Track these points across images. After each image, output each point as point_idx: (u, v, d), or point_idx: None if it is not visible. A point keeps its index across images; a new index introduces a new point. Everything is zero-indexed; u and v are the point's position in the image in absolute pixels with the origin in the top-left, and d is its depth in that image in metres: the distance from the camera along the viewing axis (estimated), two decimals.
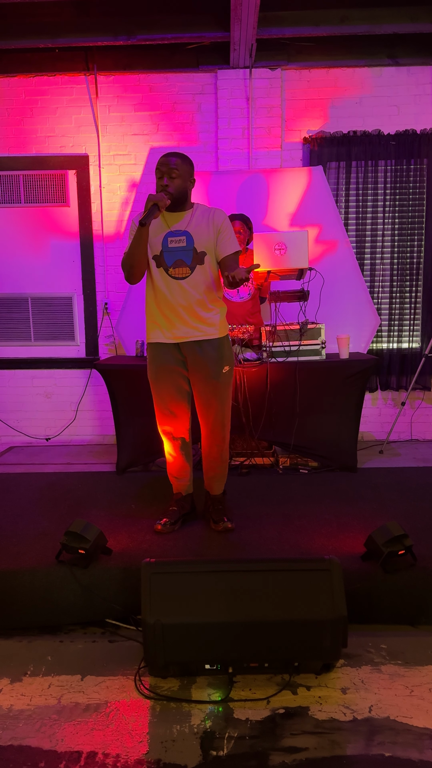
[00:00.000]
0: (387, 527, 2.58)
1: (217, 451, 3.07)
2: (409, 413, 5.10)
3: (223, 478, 3.17)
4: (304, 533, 2.97)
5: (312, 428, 4.01)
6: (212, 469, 3.13)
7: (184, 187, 2.78)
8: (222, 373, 2.92)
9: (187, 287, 2.82)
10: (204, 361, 2.89)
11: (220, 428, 3.01)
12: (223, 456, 3.11)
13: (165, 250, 2.82)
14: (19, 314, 5.17)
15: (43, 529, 3.05)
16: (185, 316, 2.85)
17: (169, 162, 2.74)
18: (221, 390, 2.94)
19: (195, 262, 2.81)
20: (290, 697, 2.15)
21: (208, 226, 2.82)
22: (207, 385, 2.93)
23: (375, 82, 4.83)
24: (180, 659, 2.21)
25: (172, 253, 2.81)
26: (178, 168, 2.74)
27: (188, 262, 2.81)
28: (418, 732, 1.96)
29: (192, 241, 2.80)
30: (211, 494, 3.18)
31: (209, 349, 2.89)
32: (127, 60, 4.81)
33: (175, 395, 2.97)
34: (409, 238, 4.92)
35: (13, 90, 4.92)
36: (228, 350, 2.97)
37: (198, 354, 2.89)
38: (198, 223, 2.82)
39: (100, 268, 5.10)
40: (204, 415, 3.01)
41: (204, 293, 2.85)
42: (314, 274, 4.03)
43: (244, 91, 4.80)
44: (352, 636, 2.28)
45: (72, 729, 2.01)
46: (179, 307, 2.84)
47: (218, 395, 2.94)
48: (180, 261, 2.81)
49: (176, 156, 2.77)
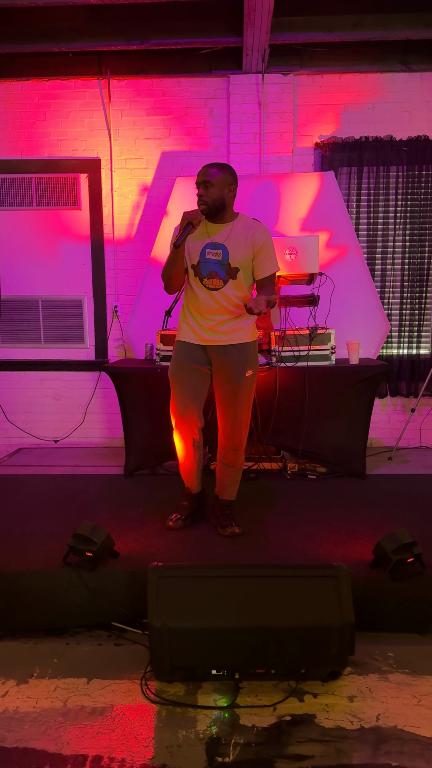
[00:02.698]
0: (396, 534, 2.57)
1: (233, 456, 3.08)
2: (418, 420, 5.07)
3: (235, 484, 3.17)
4: (312, 539, 2.95)
5: (321, 434, 3.99)
6: (225, 473, 3.13)
7: (221, 198, 2.80)
8: (245, 377, 2.95)
9: (219, 298, 2.89)
10: (228, 364, 2.94)
11: (237, 432, 3.02)
12: (238, 461, 3.12)
13: (202, 261, 2.88)
14: (29, 316, 5.19)
15: (50, 531, 3.05)
16: (214, 323, 2.93)
17: (206, 172, 2.79)
18: (242, 394, 2.97)
19: (228, 276, 2.87)
20: (297, 704, 2.13)
21: (246, 243, 2.85)
22: (229, 387, 2.97)
23: (387, 88, 4.83)
24: (186, 664, 2.20)
25: (208, 264, 2.87)
26: (215, 178, 2.78)
27: (221, 275, 2.87)
28: (425, 742, 1.94)
29: (227, 256, 2.85)
30: (221, 498, 3.17)
31: (234, 353, 2.94)
32: (140, 64, 4.83)
33: (191, 392, 3.00)
34: (420, 244, 4.90)
35: (27, 93, 4.95)
36: (253, 355, 3.01)
37: (223, 356, 2.94)
38: (237, 237, 2.86)
39: (111, 272, 5.12)
40: (223, 417, 3.03)
41: (234, 306, 2.90)
42: (325, 279, 4.02)
43: (257, 96, 4.80)
44: (359, 643, 2.27)
45: (77, 732, 2.01)
46: (210, 315, 2.92)
47: (239, 399, 2.97)
48: (214, 273, 2.87)
49: (214, 166, 2.81)
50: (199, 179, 2.80)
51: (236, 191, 2.89)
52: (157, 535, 3.02)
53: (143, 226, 5.03)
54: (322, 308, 4.14)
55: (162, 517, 3.26)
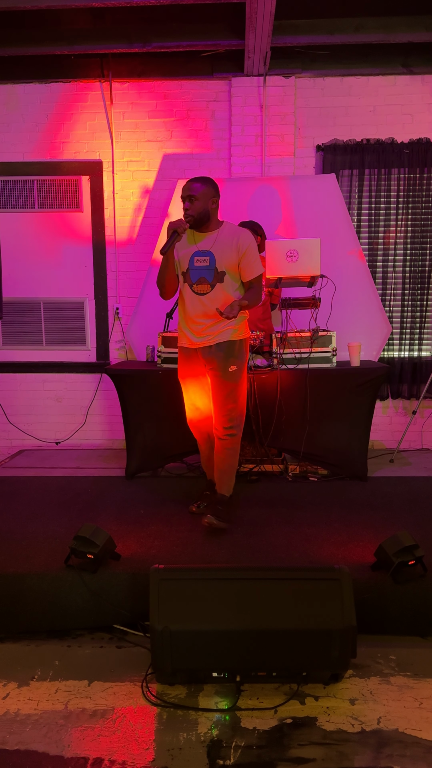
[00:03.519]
0: (398, 537, 2.56)
1: (220, 446, 3.19)
2: (420, 422, 5.07)
3: (228, 480, 3.23)
4: (314, 541, 2.95)
5: (322, 436, 3.99)
6: (217, 464, 3.25)
7: (205, 209, 3.03)
8: (228, 371, 3.12)
9: (206, 302, 3.09)
10: (215, 360, 3.13)
11: (220, 422, 3.15)
12: (228, 453, 3.18)
13: (191, 268, 3.11)
14: (31, 318, 5.20)
15: (52, 533, 3.05)
16: (203, 327, 3.13)
17: (190, 187, 3.02)
18: (227, 386, 3.13)
19: (215, 281, 3.08)
20: (298, 707, 2.13)
21: (232, 247, 3.06)
22: (216, 381, 3.16)
23: (389, 91, 4.83)
24: (187, 666, 2.20)
25: (197, 271, 3.10)
26: (198, 192, 3.00)
27: (209, 280, 3.09)
28: (427, 745, 1.94)
29: (214, 261, 3.07)
30: (216, 492, 3.25)
31: (218, 350, 3.13)
32: (142, 67, 4.84)
33: (200, 393, 3.27)
34: (422, 246, 4.91)
35: (29, 96, 4.96)
36: (238, 351, 3.16)
37: (209, 354, 3.14)
38: (222, 243, 3.07)
39: (112, 274, 5.12)
40: (213, 406, 3.21)
41: (223, 306, 3.03)
42: (326, 281, 4.02)
43: (258, 99, 4.81)
44: (361, 646, 2.27)
45: (78, 735, 2.01)
46: (199, 318, 3.12)
47: (224, 390, 3.13)
48: (202, 278, 3.09)
49: (197, 181, 3.04)
50: (184, 194, 3.02)
51: (219, 202, 3.11)
52: (159, 537, 3.02)
53: (145, 228, 5.03)
54: (323, 310, 4.14)
55: (164, 519, 3.26)
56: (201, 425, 3.35)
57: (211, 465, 3.41)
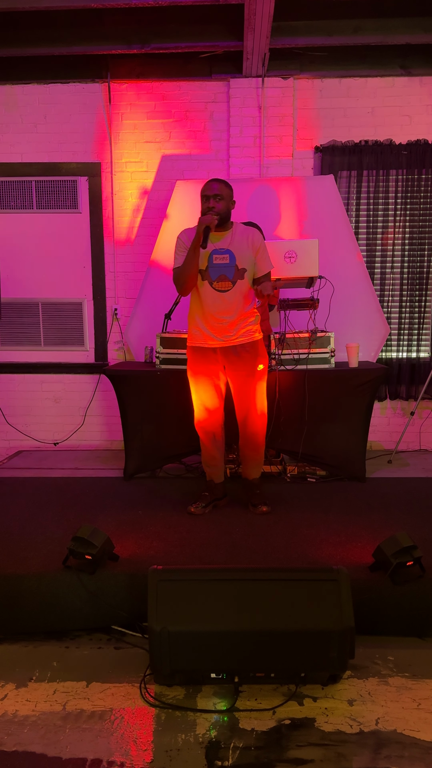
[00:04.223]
0: (396, 538, 2.56)
1: (255, 438, 3.40)
2: (418, 423, 5.07)
3: (259, 466, 3.55)
4: (312, 542, 2.95)
5: (320, 437, 3.99)
6: (249, 457, 3.47)
7: (227, 209, 3.18)
8: (257, 371, 3.30)
9: (228, 299, 3.20)
10: (241, 362, 3.27)
11: (255, 419, 3.36)
12: (261, 441, 3.44)
13: (210, 266, 3.19)
14: (29, 319, 5.19)
15: (50, 534, 3.05)
16: (226, 324, 3.22)
17: (218, 187, 3.14)
18: (257, 386, 3.32)
19: (236, 278, 3.19)
20: (296, 708, 2.13)
21: (248, 245, 3.20)
22: (244, 382, 3.30)
23: (387, 92, 4.84)
24: (186, 667, 2.20)
25: (217, 269, 3.18)
26: (222, 192, 3.14)
27: (230, 277, 3.19)
28: (425, 746, 1.94)
29: (234, 259, 3.17)
30: (249, 480, 3.52)
31: (244, 351, 3.26)
32: (141, 68, 4.84)
33: (211, 394, 3.34)
34: (420, 247, 4.91)
35: (27, 97, 4.96)
36: (262, 350, 3.35)
37: (234, 355, 3.26)
38: (239, 241, 3.20)
39: (111, 274, 5.12)
40: (241, 409, 3.36)
41: (243, 305, 3.23)
42: (324, 282, 4.03)
43: (257, 100, 4.82)
44: (359, 647, 2.27)
45: (76, 736, 2.00)
46: (221, 316, 3.21)
47: (254, 391, 3.32)
48: (223, 276, 3.19)
49: (220, 182, 3.18)
50: (210, 193, 3.13)
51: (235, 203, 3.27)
52: (157, 538, 3.02)
53: (143, 230, 5.03)
54: (321, 311, 4.14)
55: (162, 520, 3.26)
56: (209, 425, 3.39)
57: (215, 465, 3.49)
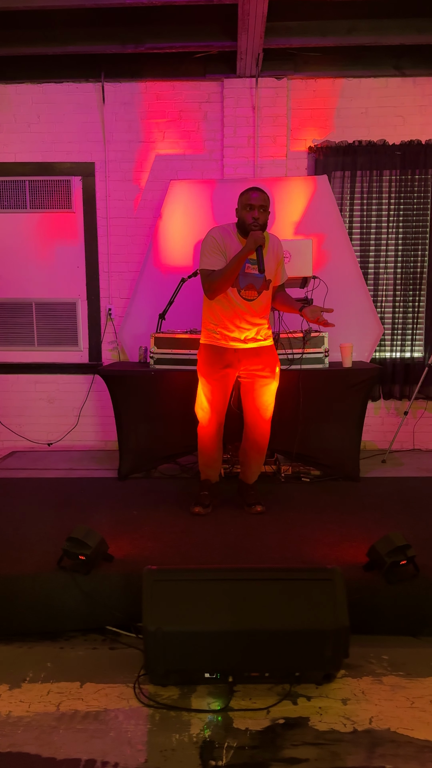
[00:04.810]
0: (390, 537, 2.57)
1: (260, 442, 3.43)
2: (411, 423, 5.09)
3: (260, 468, 3.62)
4: (307, 542, 2.96)
5: (315, 437, 4.00)
6: (254, 459, 3.51)
7: (267, 219, 3.15)
8: (276, 373, 3.34)
9: (253, 308, 3.21)
10: (262, 364, 3.29)
11: (265, 423, 3.39)
12: (266, 445, 3.48)
13: (241, 274, 3.14)
14: (23, 319, 5.18)
15: (44, 535, 3.04)
16: (247, 330, 3.23)
17: (264, 198, 3.10)
18: (272, 388, 3.35)
19: (262, 288, 3.21)
20: (291, 708, 2.13)
21: (274, 258, 3.22)
22: (263, 383, 3.32)
23: (381, 93, 4.85)
24: (180, 667, 2.20)
25: (246, 278, 3.16)
26: (266, 203, 3.12)
27: (257, 287, 3.19)
28: (419, 745, 1.95)
29: (264, 270, 3.08)
30: (248, 483, 3.55)
31: (265, 354, 3.30)
32: (135, 68, 4.83)
33: (221, 394, 3.32)
34: (413, 248, 4.93)
35: (21, 96, 4.95)
36: (276, 355, 3.39)
37: (255, 357, 3.28)
38: (269, 254, 3.17)
39: (105, 274, 5.11)
40: (252, 411, 3.37)
41: (264, 314, 3.27)
42: (318, 282, 4.04)
43: (250, 100, 4.82)
44: (353, 646, 2.27)
45: (71, 736, 2.00)
46: (243, 322, 3.22)
47: (270, 393, 3.35)
48: (251, 285, 3.17)
49: (263, 192, 3.11)
50: (256, 203, 3.07)
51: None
52: (152, 538, 3.02)
53: (137, 229, 5.03)
54: None
55: (157, 521, 3.26)
56: (213, 425, 3.37)
57: (214, 466, 3.50)
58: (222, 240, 3.14)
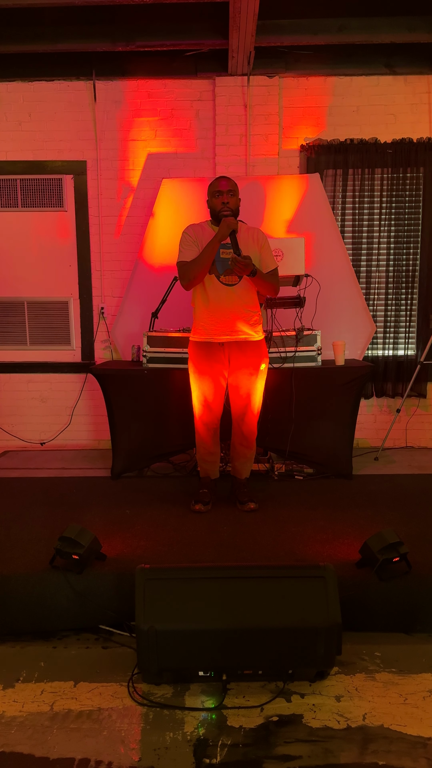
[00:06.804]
0: (382, 534, 2.58)
1: (248, 438, 3.44)
2: (404, 420, 5.10)
3: (250, 464, 3.59)
4: (299, 540, 2.97)
5: (307, 435, 4.01)
6: (243, 454, 3.50)
7: (237, 205, 3.21)
8: (260, 370, 3.32)
9: (235, 293, 3.21)
10: (245, 359, 3.28)
11: (252, 417, 3.39)
12: (253, 443, 3.49)
13: (217, 260, 3.18)
14: (15, 318, 5.16)
15: (37, 534, 3.03)
16: (232, 318, 3.23)
17: (231, 183, 3.18)
18: (258, 385, 3.35)
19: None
20: (284, 705, 2.14)
21: (252, 240, 3.24)
22: (247, 379, 3.31)
23: (372, 91, 4.86)
24: (174, 666, 2.20)
25: (224, 263, 3.17)
26: (233, 188, 3.19)
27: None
28: (411, 740, 1.96)
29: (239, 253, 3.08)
30: (239, 479, 3.55)
31: (249, 349, 3.28)
32: (126, 66, 4.82)
33: (214, 390, 3.34)
34: (405, 246, 4.94)
35: (12, 95, 4.92)
36: (265, 349, 3.38)
37: (239, 352, 3.27)
38: (245, 238, 3.20)
39: (97, 273, 5.10)
40: (239, 405, 3.37)
41: (249, 299, 3.25)
42: (310, 280, 4.04)
43: (242, 99, 4.82)
44: (346, 643, 2.28)
45: (64, 736, 2.00)
46: (228, 310, 3.21)
47: (255, 388, 3.35)
48: (230, 270, 3.16)
49: (228, 178, 3.20)
50: (224, 188, 3.16)
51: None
52: (145, 537, 3.02)
53: (129, 228, 5.02)
54: (308, 310, 4.16)
55: (150, 519, 3.26)
56: (211, 422, 3.40)
57: (213, 461, 3.54)
58: (195, 234, 3.23)
